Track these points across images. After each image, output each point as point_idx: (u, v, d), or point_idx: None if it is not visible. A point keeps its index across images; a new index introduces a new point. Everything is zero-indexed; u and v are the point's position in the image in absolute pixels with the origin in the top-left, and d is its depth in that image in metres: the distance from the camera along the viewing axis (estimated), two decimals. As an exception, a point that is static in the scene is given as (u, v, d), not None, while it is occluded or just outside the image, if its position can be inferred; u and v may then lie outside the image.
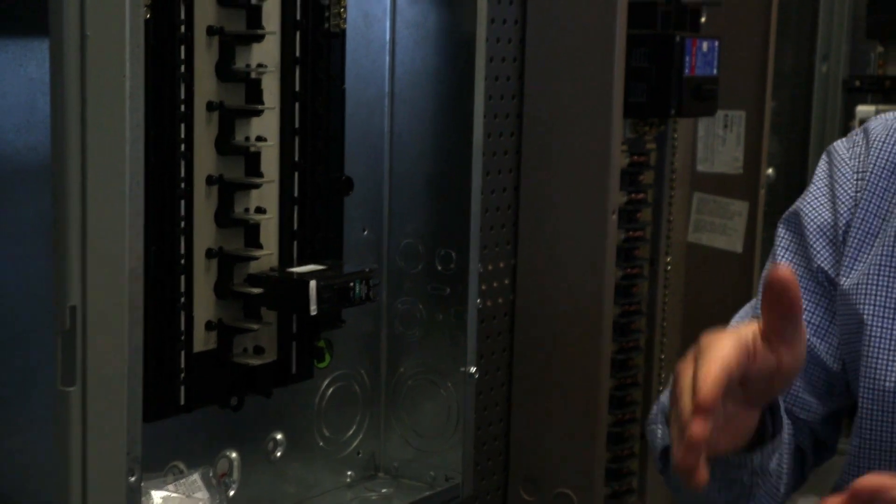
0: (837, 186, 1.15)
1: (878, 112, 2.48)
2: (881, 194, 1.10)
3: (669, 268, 1.99)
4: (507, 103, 1.68)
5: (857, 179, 1.13)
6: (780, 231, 1.20)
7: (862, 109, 2.49)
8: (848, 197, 1.13)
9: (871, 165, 1.12)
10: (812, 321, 1.16)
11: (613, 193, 1.67)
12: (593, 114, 1.66)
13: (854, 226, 1.12)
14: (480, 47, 1.38)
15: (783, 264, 1.07)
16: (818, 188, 1.17)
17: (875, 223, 1.11)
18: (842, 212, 1.13)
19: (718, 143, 2.05)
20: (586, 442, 1.70)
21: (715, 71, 1.87)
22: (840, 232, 1.13)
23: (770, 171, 2.29)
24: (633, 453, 1.80)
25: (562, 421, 1.71)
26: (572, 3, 1.67)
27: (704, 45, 1.85)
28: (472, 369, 1.42)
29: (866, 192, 1.11)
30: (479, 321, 1.60)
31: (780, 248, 1.19)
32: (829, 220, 1.14)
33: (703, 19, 1.93)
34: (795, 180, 2.53)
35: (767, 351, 0.93)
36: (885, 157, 1.11)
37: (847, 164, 1.15)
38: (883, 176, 1.10)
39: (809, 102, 2.50)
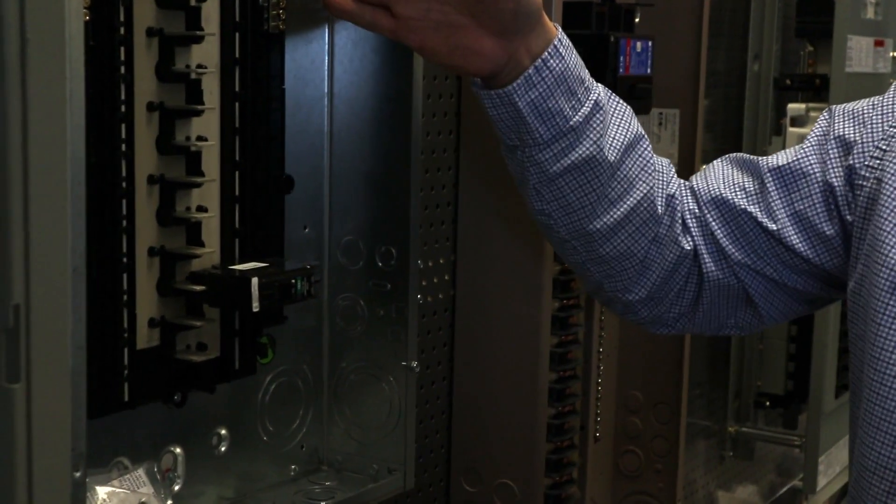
0: (873, 118, 1.06)
1: (808, 110, 2.53)
2: None
3: (607, 263, 2.02)
4: (445, 102, 1.70)
5: (890, 126, 1.03)
6: (820, 118, 1.16)
7: (793, 107, 2.54)
8: (878, 133, 1.04)
9: None
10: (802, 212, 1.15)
11: (550, 190, 1.69)
12: (530, 112, 1.68)
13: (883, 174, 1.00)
14: (418, 48, 1.40)
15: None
16: (860, 103, 1.10)
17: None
18: (861, 141, 1.05)
19: (654, 140, 2.09)
20: (527, 434, 1.73)
21: (649, 70, 1.90)
22: (852, 158, 1.05)
23: (704, 167, 2.33)
24: (573, 444, 1.83)
25: (502, 414, 1.74)
26: (508, 4, 1.69)
27: (638, 45, 1.88)
28: (414, 364, 1.44)
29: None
30: (419, 316, 1.63)
31: (812, 133, 1.15)
32: (850, 139, 1.07)
33: (636, 20, 1.97)
34: (729, 176, 2.57)
35: None
36: None
37: (889, 104, 1.04)
38: None
39: (742, 101, 2.55)
